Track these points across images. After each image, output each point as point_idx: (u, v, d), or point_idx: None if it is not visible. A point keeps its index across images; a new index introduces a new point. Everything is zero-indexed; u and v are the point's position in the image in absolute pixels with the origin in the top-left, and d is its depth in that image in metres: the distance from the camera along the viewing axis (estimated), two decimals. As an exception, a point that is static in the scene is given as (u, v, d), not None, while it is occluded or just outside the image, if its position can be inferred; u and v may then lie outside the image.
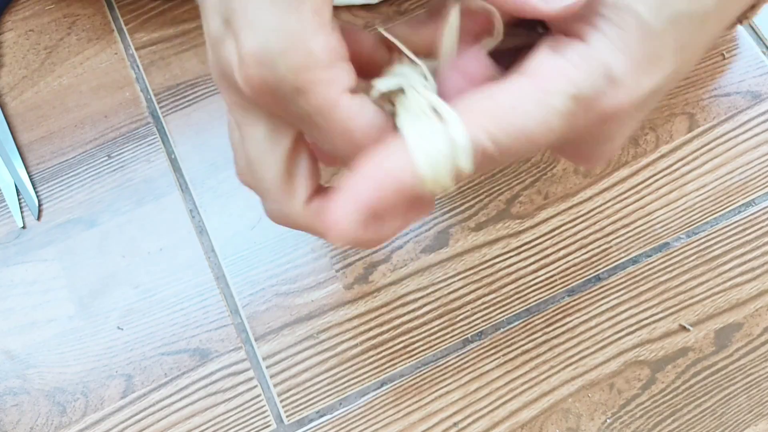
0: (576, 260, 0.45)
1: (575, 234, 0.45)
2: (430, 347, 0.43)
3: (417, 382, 0.43)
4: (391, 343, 0.43)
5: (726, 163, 0.47)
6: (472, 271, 0.45)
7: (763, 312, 0.44)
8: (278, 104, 0.21)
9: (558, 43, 0.21)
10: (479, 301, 0.44)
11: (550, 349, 0.43)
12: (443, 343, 0.43)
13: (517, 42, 0.24)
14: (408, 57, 0.22)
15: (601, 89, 0.20)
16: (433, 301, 0.44)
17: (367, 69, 0.23)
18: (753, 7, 0.39)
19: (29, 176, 0.47)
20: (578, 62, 0.20)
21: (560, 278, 0.45)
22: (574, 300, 0.44)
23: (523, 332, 0.44)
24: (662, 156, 0.47)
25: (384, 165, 0.19)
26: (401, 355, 0.43)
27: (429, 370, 0.43)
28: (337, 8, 0.50)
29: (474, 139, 0.19)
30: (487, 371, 0.43)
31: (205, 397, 0.42)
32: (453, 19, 0.22)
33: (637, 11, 0.20)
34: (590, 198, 0.46)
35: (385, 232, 0.23)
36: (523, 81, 0.20)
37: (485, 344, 0.43)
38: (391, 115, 0.21)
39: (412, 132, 0.19)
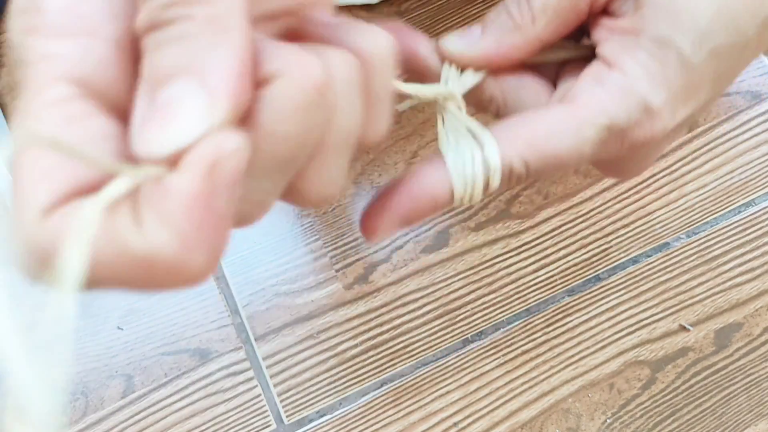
0: (576, 260, 0.45)
1: (575, 234, 0.45)
2: (430, 347, 0.43)
3: (417, 382, 0.43)
4: (391, 343, 0.43)
5: (726, 163, 0.47)
6: (472, 271, 0.45)
7: (763, 312, 0.44)
8: None
9: (600, 72, 0.21)
10: (479, 301, 0.44)
11: (550, 349, 0.43)
12: (443, 343, 0.43)
13: (563, 55, 0.25)
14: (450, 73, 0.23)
15: (637, 121, 0.21)
16: (433, 301, 0.44)
17: (415, 73, 0.23)
18: None
19: (29, 176, 0.46)
20: (616, 94, 0.21)
21: (560, 278, 0.45)
22: (574, 300, 0.44)
23: (523, 332, 0.44)
24: (662, 156, 0.47)
25: (424, 184, 0.21)
26: (401, 355, 0.43)
27: (429, 370, 0.43)
28: (338, 8, 0.50)
29: (507, 162, 0.21)
30: (487, 371, 0.43)
31: (205, 397, 0.42)
32: None
33: (680, 47, 0.20)
34: (590, 198, 0.46)
35: (401, 228, 0.24)
36: (560, 110, 0.21)
37: (485, 344, 0.43)
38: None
39: (451, 154, 0.22)
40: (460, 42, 0.23)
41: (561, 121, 0.21)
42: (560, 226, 0.46)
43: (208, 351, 0.43)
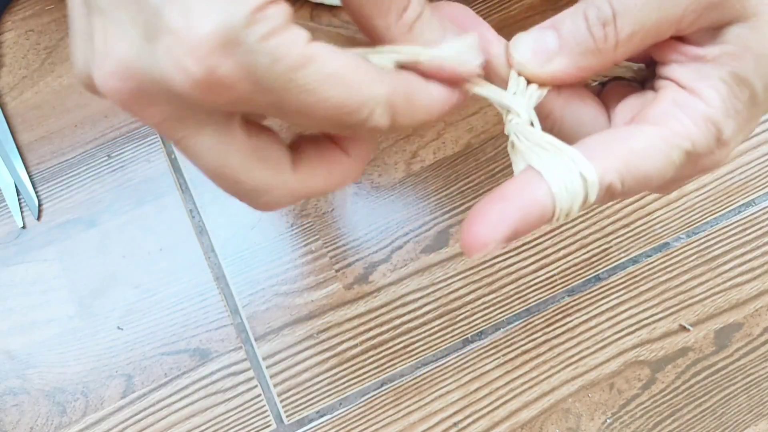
0: (576, 260, 0.45)
1: (575, 234, 0.45)
2: (430, 347, 0.43)
3: (417, 382, 0.43)
4: (391, 343, 0.43)
5: (726, 163, 0.47)
6: (472, 271, 0.45)
7: (763, 312, 0.44)
8: (252, 91, 0.18)
9: (681, 97, 0.22)
10: (479, 301, 0.44)
11: (550, 349, 0.43)
12: (443, 343, 0.43)
13: (618, 72, 0.25)
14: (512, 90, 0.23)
15: (711, 148, 0.22)
16: (433, 301, 0.44)
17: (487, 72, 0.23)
18: None
19: (29, 176, 0.47)
20: (700, 121, 0.22)
21: (560, 278, 0.45)
22: (574, 300, 0.44)
23: (523, 332, 0.43)
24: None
25: (530, 195, 0.21)
26: (401, 355, 0.43)
27: (429, 370, 0.43)
28: (338, 8, 0.50)
29: (604, 178, 0.21)
30: (487, 371, 0.43)
31: (205, 397, 0.42)
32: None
33: (754, 88, 0.22)
34: (590, 198, 0.46)
35: (507, 243, 0.24)
36: (651, 132, 0.22)
37: (485, 344, 0.43)
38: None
39: (547, 169, 0.21)
40: (534, 57, 0.23)
41: (653, 142, 0.22)
42: (560, 226, 0.46)
43: (208, 351, 0.43)
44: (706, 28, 0.22)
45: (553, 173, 0.21)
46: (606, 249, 0.45)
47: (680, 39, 0.23)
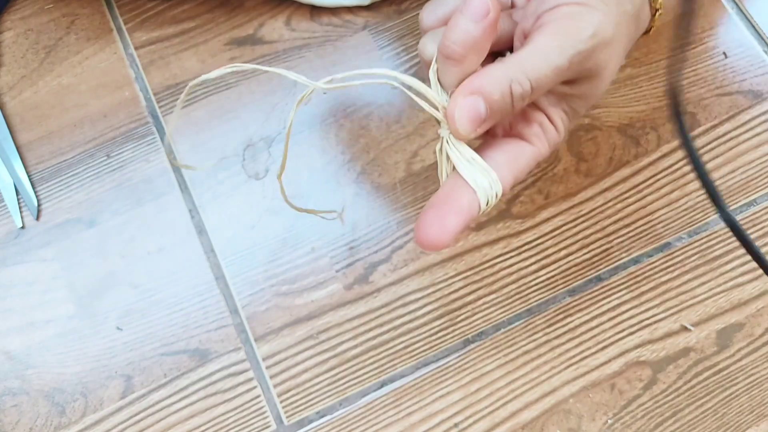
0: (577, 260, 0.45)
1: (576, 234, 0.45)
2: (431, 348, 0.43)
3: (417, 383, 0.42)
4: (391, 344, 0.43)
5: (727, 162, 0.47)
6: (472, 271, 0.45)
7: (764, 312, 0.44)
8: None
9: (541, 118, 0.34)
10: (480, 302, 0.44)
11: (552, 349, 0.43)
12: (444, 344, 0.43)
13: None
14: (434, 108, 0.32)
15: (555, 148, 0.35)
16: (433, 301, 0.44)
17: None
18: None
19: (28, 176, 0.46)
20: (550, 140, 0.34)
21: (561, 278, 0.44)
22: (576, 300, 0.44)
23: (524, 332, 0.43)
24: (663, 155, 0.47)
25: (468, 204, 0.31)
26: (402, 356, 0.43)
27: (429, 371, 0.43)
28: (338, 9, 0.50)
29: (506, 188, 0.32)
30: (488, 372, 0.43)
31: (205, 398, 0.42)
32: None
33: (579, 114, 0.34)
34: (591, 198, 0.46)
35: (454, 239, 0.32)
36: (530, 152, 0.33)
37: (486, 344, 0.43)
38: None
39: (478, 184, 0.31)
40: (469, 124, 0.30)
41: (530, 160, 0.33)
42: (561, 226, 0.45)
43: (208, 351, 0.43)
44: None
45: (480, 187, 0.31)
46: (607, 249, 0.45)
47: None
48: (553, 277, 0.44)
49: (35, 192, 0.46)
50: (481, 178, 0.31)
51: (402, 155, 0.47)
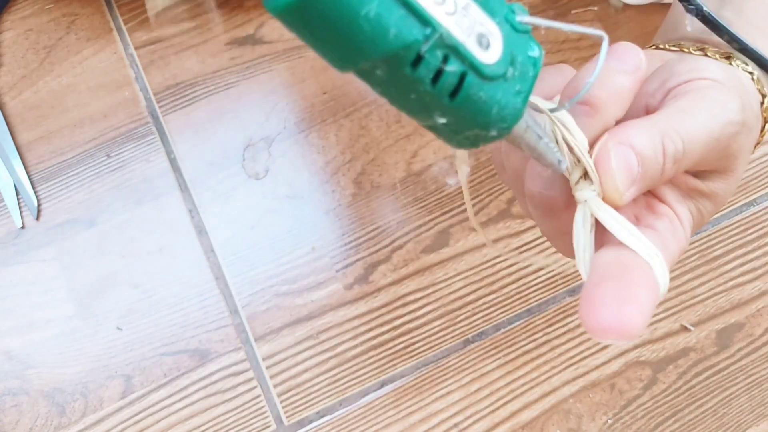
0: (577, 260, 0.45)
1: (576, 234, 0.45)
2: (431, 347, 0.43)
3: (417, 383, 0.42)
4: (391, 344, 0.43)
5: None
6: (472, 271, 0.44)
7: (764, 312, 0.44)
8: None
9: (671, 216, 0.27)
10: (480, 301, 0.44)
11: (552, 349, 0.43)
12: (444, 344, 0.43)
13: None
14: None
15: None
16: (433, 301, 0.44)
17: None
18: None
19: (28, 176, 0.46)
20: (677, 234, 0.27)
21: (561, 278, 0.44)
22: (576, 300, 0.44)
23: (524, 332, 0.43)
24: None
25: (650, 283, 0.23)
26: (402, 356, 0.43)
27: (429, 371, 0.43)
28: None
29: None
30: (488, 371, 0.43)
31: (205, 398, 0.42)
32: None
33: (705, 217, 0.28)
34: (591, 198, 0.46)
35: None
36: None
37: (486, 344, 0.43)
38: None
39: (655, 262, 0.23)
40: (626, 178, 0.24)
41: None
42: (561, 226, 0.45)
43: (208, 351, 0.43)
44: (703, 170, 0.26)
45: (657, 266, 0.23)
46: (607, 249, 0.45)
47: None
48: (552, 277, 0.44)
49: (35, 192, 0.46)
50: (648, 251, 0.23)
51: (402, 155, 0.47)
